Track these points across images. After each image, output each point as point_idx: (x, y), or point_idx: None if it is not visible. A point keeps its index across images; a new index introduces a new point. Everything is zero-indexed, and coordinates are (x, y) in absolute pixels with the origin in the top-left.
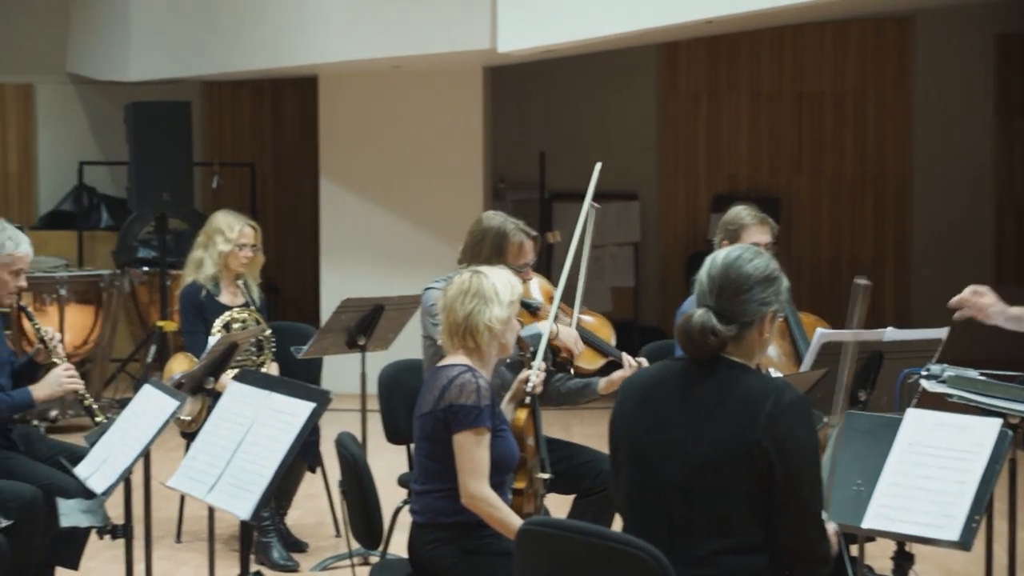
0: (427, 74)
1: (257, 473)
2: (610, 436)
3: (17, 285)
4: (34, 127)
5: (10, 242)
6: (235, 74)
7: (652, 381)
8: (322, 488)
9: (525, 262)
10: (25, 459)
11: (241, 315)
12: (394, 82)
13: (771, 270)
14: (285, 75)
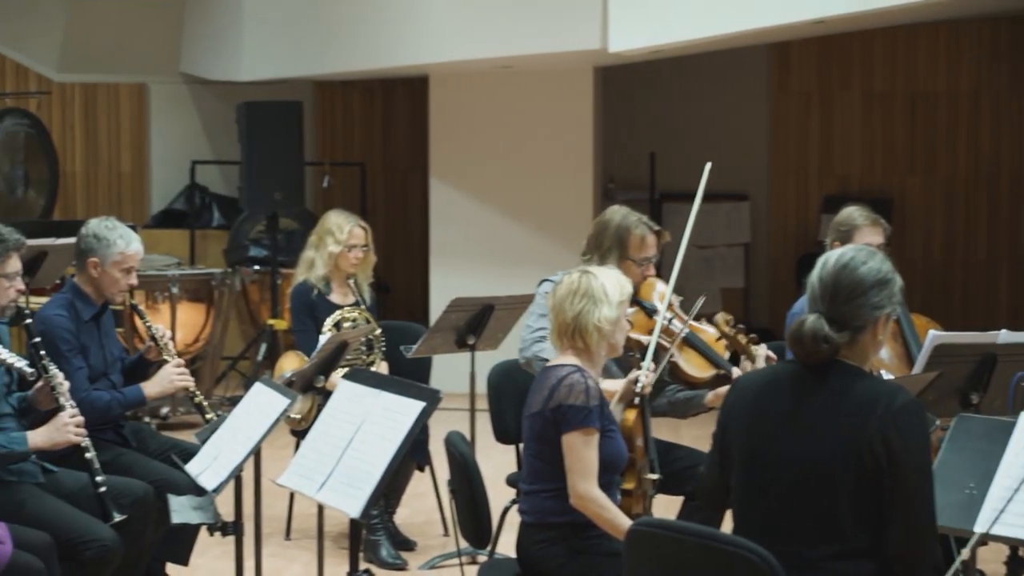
0: (537, 74)
1: (367, 471)
2: (719, 435)
3: (128, 283)
4: (147, 127)
5: (121, 240)
6: (346, 74)
7: (764, 384)
8: (431, 487)
9: (646, 256)
10: (137, 455)
11: (351, 314)
12: (504, 82)
13: (885, 272)
14: (396, 75)
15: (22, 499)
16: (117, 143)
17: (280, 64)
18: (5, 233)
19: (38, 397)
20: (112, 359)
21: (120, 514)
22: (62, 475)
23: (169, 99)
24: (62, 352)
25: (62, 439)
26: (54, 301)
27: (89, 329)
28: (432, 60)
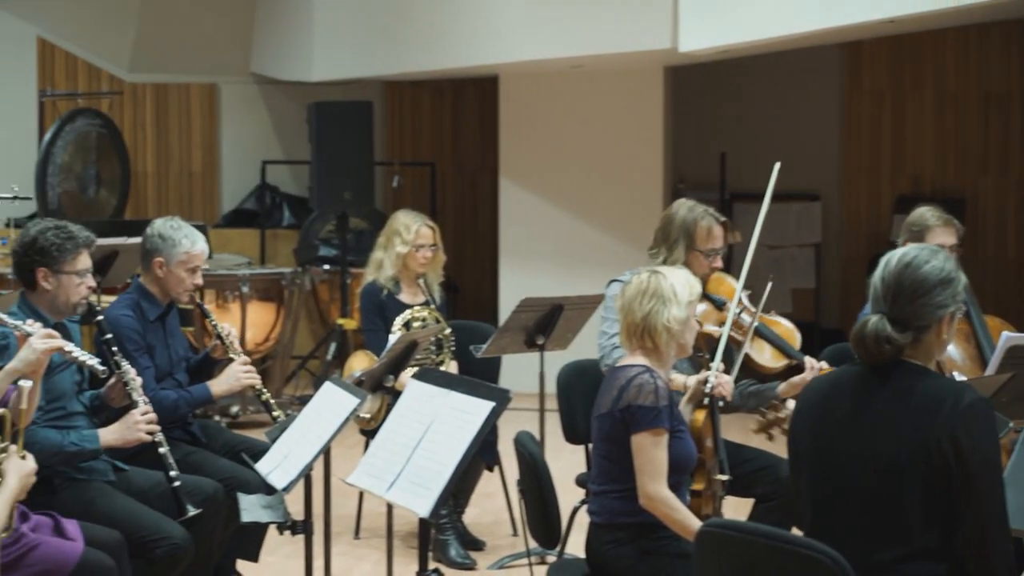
0: (607, 74)
1: (436, 471)
2: (789, 443)
3: (193, 282)
4: (218, 127)
5: (186, 240)
6: (416, 74)
7: (830, 387)
8: (500, 487)
9: (714, 247)
10: (207, 454)
11: (421, 313)
12: (574, 82)
13: (948, 271)
14: (466, 75)
15: (93, 497)
16: (188, 143)
17: (350, 64)
18: (75, 230)
19: (110, 394)
20: (177, 358)
21: (196, 507)
22: (133, 473)
23: (240, 99)
24: (129, 352)
25: (133, 437)
26: (120, 301)
27: (155, 329)
28: (502, 60)
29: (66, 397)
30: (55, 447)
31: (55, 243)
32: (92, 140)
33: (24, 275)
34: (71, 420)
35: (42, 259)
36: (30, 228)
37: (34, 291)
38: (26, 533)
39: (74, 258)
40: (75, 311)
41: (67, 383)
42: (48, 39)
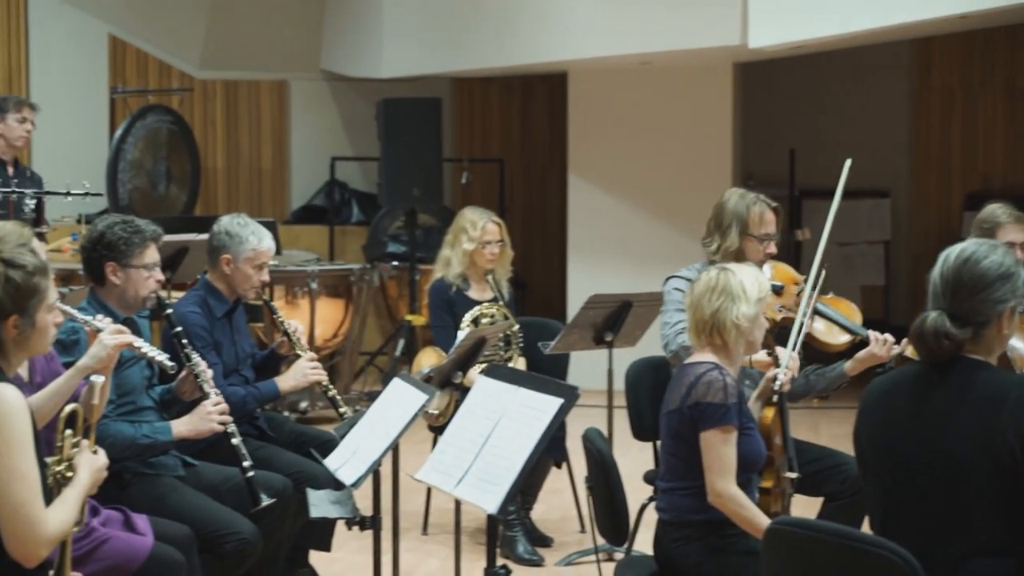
0: (676, 70)
1: (505, 467)
2: (855, 442)
3: (260, 279)
4: (288, 123)
5: (253, 236)
6: (485, 70)
7: (891, 386)
8: (567, 483)
9: (767, 232)
10: (276, 449)
11: (490, 310)
12: (643, 78)
13: (1008, 266)
14: (535, 71)
15: (163, 492)
16: (258, 139)
17: (420, 61)
18: (142, 224)
19: (181, 387)
20: (244, 355)
21: (269, 498)
22: (203, 468)
23: (309, 96)
24: (196, 348)
25: (206, 427)
26: (187, 298)
27: (222, 325)
28: (571, 56)
29: (136, 392)
30: (128, 440)
31: (122, 237)
32: (163, 136)
33: (93, 270)
34: (141, 415)
35: (110, 253)
36: (98, 223)
37: (103, 286)
38: (96, 527)
39: (142, 252)
40: (144, 305)
41: (137, 378)
42: (119, 36)
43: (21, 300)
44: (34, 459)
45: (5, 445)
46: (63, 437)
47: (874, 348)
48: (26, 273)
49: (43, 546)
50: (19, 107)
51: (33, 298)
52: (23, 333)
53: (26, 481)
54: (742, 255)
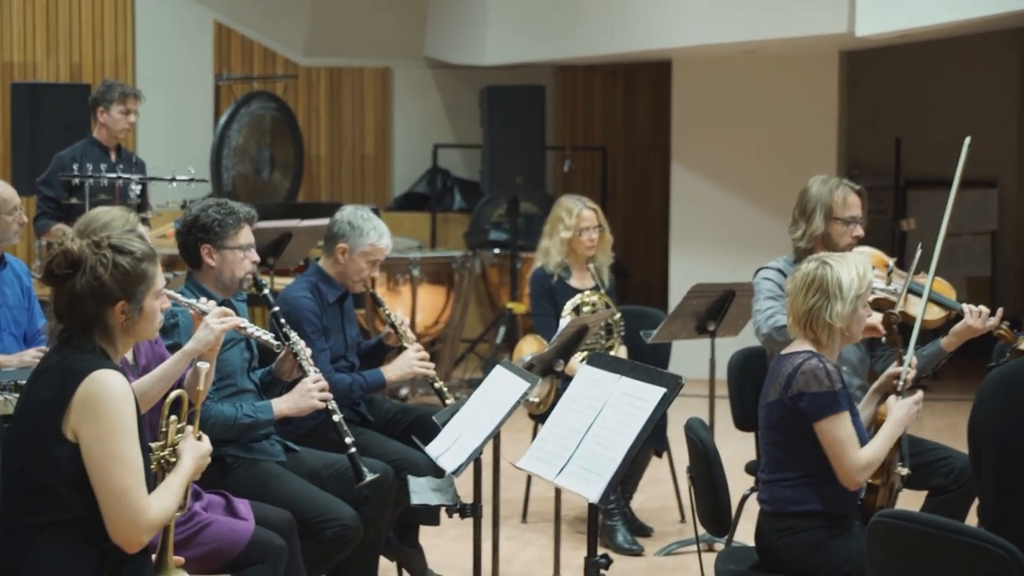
0: (781, 59)
1: (607, 456)
2: (969, 436)
3: (371, 275)
4: (391, 110)
5: (374, 232)
6: (589, 58)
7: (1006, 378)
8: (668, 473)
9: (852, 215)
10: (376, 435)
11: (591, 298)
12: (747, 66)
13: None
14: (638, 59)
15: (265, 477)
16: (361, 126)
17: (523, 48)
18: (235, 206)
19: (281, 367)
20: (351, 342)
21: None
22: (304, 454)
23: (413, 83)
24: (306, 333)
25: (307, 404)
26: (298, 283)
27: (333, 312)
28: (676, 44)
29: (236, 374)
30: (229, 420)
31: (217, 219)
32: (267, 123)
33: (189, 254)
34: (242, 397)
35: (205, 235)
36: (192, 207)
37: (199, 269)
38: (199, 512)
39: (236, 233)
40: (241, 286)
41: (237, 360)
42: (224, 23)
43: (129, 286)
44: (137, 445)
45: (109, 430)
46: (168, 423)
47: (969, 320)
48: (134, 259)
49: (144, 532)
50: (123, 99)
51: (141, 284)
52: (131, 319)
53: (129, 466)
54: (829, 239)
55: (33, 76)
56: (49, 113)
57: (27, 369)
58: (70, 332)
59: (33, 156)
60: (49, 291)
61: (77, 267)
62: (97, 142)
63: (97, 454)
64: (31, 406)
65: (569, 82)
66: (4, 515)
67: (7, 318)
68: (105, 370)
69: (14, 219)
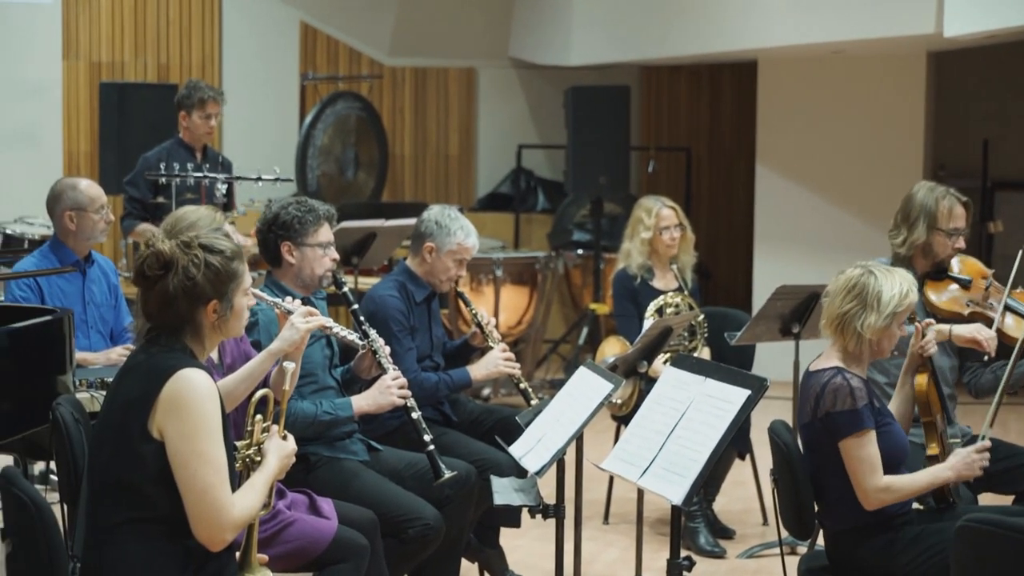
0: (868, 59)
1: (691, 458)
2: None
3: (457, 274)
4: (475, 111)
5: (460, 231)
6: (674, 59)
7: None
8: (751, 476)
9: (956, 227)
10: (459, 435)
11: (674, 299)
12: (834, 67)
13: None
14: (723, 59)
15: (348, 476)
16: (445, 126)
17: (608, 49)
18: (315, 204)
19: (360, 365)
20: (437, 342)
21: (450, 471)
22: (387, 453)
23: (497, 83)
24: (393, 332)
25: (386, 401)
26: (386, 282)
27: (420, 311)
28: (761, 45)
29: (317, 370)
30: (309, 417)
31: (296, 216)
32: (351, 123)
33: (269, 252)
34: (324, 394)
35: (285, 233)
36: (272, 205)
37: (279, 267)
38: (282, 510)
39: (316, 231)
40: (321, 284)
41: (318, 357)
42: (310, 23)
43: (221, 285)
44: (222, 443)
45: (194, 429)
46: (253, 421)
47: None
48: (224, 258)
49: (228, 530)
50: (202, 105)
51: (232, 282)
52: (222, 317)
53: (213, 465)
54: (929, 249)
55: (121, 76)
56: (136, 113)
57: (113, 367)
58: (158, 331)
59: (120, 155)
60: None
61: (169, 268)
62: (183, 143)
63: (182, 452)
64: (117, 404)
65: (654, 82)
66: (89, 512)
67: (95, 316)
68: (191, 368)
69: (100, 217)
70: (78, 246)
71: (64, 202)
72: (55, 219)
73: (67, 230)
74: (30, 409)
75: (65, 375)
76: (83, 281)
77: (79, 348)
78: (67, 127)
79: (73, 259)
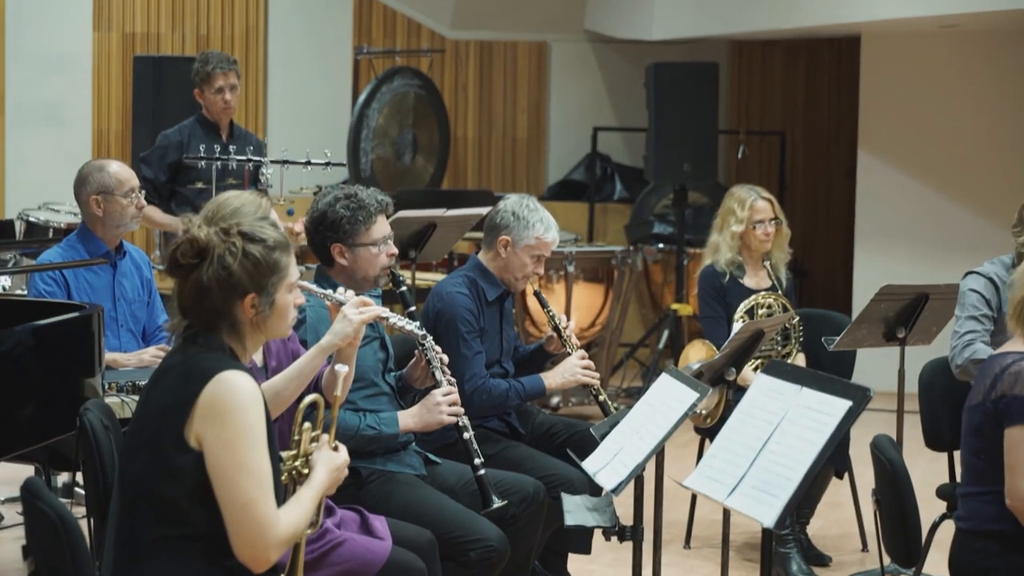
0: (983, 34)
1: (784, 476)
2: None
3: (535, 271)
4: (547, 89)
5: (540, 224)
6: (767, 33)
7: None
8: (849, 496)
9: None
10: (527, 449)
11: (767, 300)
12: (945, 43)
13: None
14: (823, 34)
15: (403, 493)
16: (513, 106)
17: (694, 22)
18: (365, 198)
19: (413, 373)
20: (508, 347)
21: (500, 500)
22: (445, 467)
23: (571, 59)
24: (461, 334)
25: (434, 419)
26: (455, 277)
27: (491, 311)
28: (865, 18)
29: (370, 373)
30: (351, 430)
31: (345, 216)
32: (410, 102)
33: (320, 251)
34: (376, 401)
35: (335, 234)
36: (318, 201)
37: (332, 267)
38: (331, 529)
39: (368, 228)
40: (376, 284)
41: (370, 359)
42: None
43: (260, 277)
44: (267, 453)
45: (236, 437)
46: (301, 430)
47: None
48: (266, 247)
49: (272, 549)
50: (209, 78)
51: (273, 275)
52: (261, 314)
53: (256, 477)
54: None
55: (156, 49)
56: (173, 90)
57: (146, 369)
58: (195, 329)
59: (155, 134)
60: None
61: (204, 256)
62: (205, 120)
63: (223, 463)
64: (151, 410)
65: (745, 59)
66: (119, 528)
67: (125, 313)
68: (233, 371)
69: (130, 202)
70: (107, 235)
71: (90, 185)
72: (82, 205)
73: (94, 216)
74: (55, 415)
75: (93, 378)
76: (113, 274)
77: (108, 348)
78: (97, 104)
79: (103, 250)
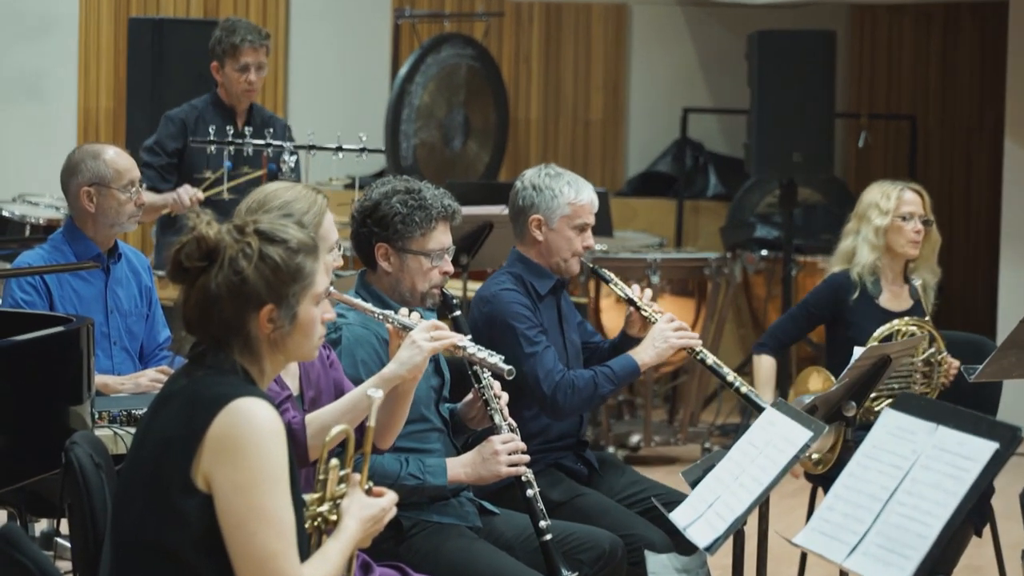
0: None
1: (916, 533)
2: None
3: (584, 245)
4: (627, 62)
5: (568, 188)
6: None
7: None
8: (991, 557)
9: None
10: (604, 499)
11: (909, 328)
12: None
13: None
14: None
15: (453, 548)
16: (586, 82)
17: None
18: (430, 197)
19: (468, 411)
20: (575, 351)
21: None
22: (503, 518)
23: (657, 25)
24: (521, 332)
25: (490, 472)
26: (496, 276)
27: (547, 308)
28: None
29: (420, 404)
30: (389, 478)
31: (400, 212)
32: (461, 76)
33: (362, 250)
34: (423, 438)
35: (382, 231)
36: (375, 189)
37: (374, 271)
38: None
39: (424, 235)
40: (423, 302)
41: (422, 388)
42: None
43: (280, 286)
44: (289, 498)
45: (252, 479)
46: (327, 468)
47: None
48: (287, 250)
49: None
50: (235, 53)
51: (295, 284)
52: (280, 330)
53: (276, 527)
54: None
55: (156, 10)
56: (175, 59)
57: (144, 396)
58: (203, 347)
59: (154, 113)
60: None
61: (213, 259)
62: (219, 100)
63: (236, 509)
64: (150, 444)
65: (868, 28)
66: None
67: (119, 327)
68: (249, 398)
69: (129, 197)
70: (99, 234)
71: (82, 175)
72: (70, 197)
73: (84, 212)
74: (34, 450)
75: (81, 405)
76: (106, 281)
77: (99, 370)
78: (84, 76)
79: (94, 252)
